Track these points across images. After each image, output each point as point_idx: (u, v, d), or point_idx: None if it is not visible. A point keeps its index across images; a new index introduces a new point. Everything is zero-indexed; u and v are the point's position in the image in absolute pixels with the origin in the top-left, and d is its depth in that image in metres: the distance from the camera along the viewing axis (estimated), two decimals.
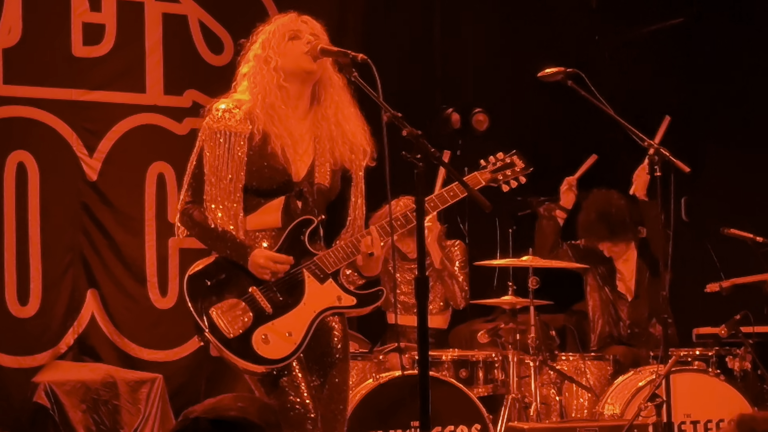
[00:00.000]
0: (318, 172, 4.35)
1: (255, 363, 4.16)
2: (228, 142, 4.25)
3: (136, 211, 7.25)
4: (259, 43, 4.37)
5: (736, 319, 5.96)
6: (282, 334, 4.18)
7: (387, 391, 5.72)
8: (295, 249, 4.27)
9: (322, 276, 4.28)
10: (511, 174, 4.57)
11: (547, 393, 6.34)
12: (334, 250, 4.29)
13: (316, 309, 4.25)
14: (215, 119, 4.28)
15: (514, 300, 6.34)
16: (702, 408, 5.97)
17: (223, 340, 4.15)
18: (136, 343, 7.17)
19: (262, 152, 4.26)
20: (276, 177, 4.27)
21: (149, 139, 7.33)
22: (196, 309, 4.18)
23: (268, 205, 4.31)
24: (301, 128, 4.36)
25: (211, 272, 4.26)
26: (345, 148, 4.38)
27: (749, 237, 6.75)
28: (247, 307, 4.19)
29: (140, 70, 7.32)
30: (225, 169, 4.24)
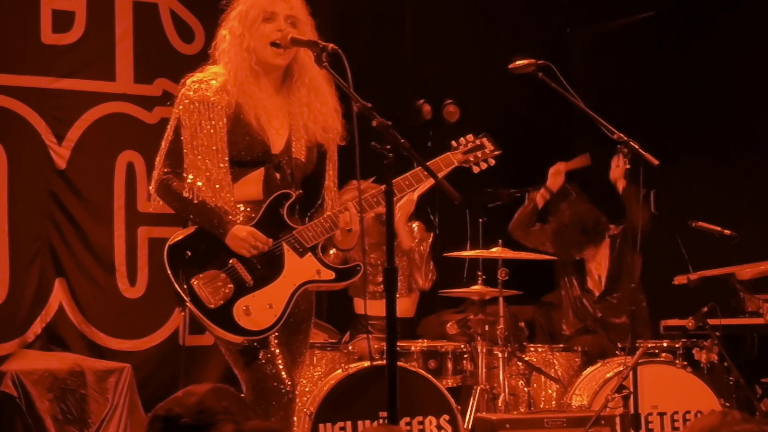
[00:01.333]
0: (294, 147, 4.38)
1: (236, 333, 4.18)
2: (208, 111, 4.26)
3: (104, 199, 7.21)
4: (236, 13, 4.36)
5: (703, 311, 6.00)
6: (263, 306, 4.21)
7: (355, 382, 5.72)
8: (273, 222, 4.30)
9: (302, 250, 4.31)
10: (481, 156, 4.63)
11: (515, 384, 6.36)
12: (313, 225, 4.32)
13: (295, 282, 4.29)
14: (192, 89, 4.29)
15: (484, 291, 6.35)
16: (669, 399, 6.00)
17: (204, 311, 4.17)
18: (104, 332, 7.14)
19: (238, 123, 4.28)
20: (255, 146, 4.29)
21: (119, 127, 7.28)
22: (177, 279, 4.19)
23: (248, 176, 4.33)
24: (275, 103, 4.38)
25: (191, 243, 4.26)
26: (317, 127, 4.41)
27: (717, 230, 6.79)
28: (227, 278, 4.21)
29: (110, 58, 7.27)
30: (206, 138, 4.24)
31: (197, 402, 2.58)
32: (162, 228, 6.93)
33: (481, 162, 4.64)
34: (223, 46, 4.39)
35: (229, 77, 4.31)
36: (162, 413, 2.59)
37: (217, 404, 2.58)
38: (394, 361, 3.85)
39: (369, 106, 3.95)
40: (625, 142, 5.34)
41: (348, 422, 5.70)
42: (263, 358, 4.24)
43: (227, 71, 4.32)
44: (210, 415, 2.55)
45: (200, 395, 2.59)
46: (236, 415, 2.57)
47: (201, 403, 2.57)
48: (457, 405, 5.89)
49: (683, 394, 6.01)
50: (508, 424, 5.54)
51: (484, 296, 6.39)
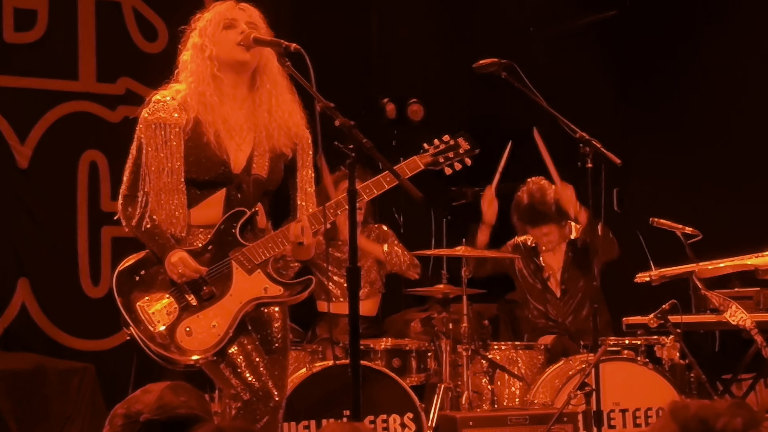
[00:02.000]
0: (256, 162, 4.34)
1: (180, 355, 4.18)
2: (164, 134, 4.24)
3: (67, 199, 7.19)
4: (196, 31, 4.37)
5: (664, 308, 6.04)
6: (206, 326, 4.20)
7: (320, 381, 5.73)
8: (225, 241, 4.28)
9: (250, 267, 4.29)
10: (455, 156, 4.56)
11: (479, 382, 6.38)
12: (264, 241, 4.31)
13: (242, 300, 4.27)
14: (150, 111, 4.28)
15: (447, 289, 6.37)
16: (631, 396, 6.05)
17: (147, 335, 4.17)
18: (67, 332, 7.11)
19: (197, 142, 4.26)
20: (213, 168, 4.27)
21: (82, 126, 7.26)
22: (123, 303, 4.22)
23: (208, 199, 4.31)
24: (238, 117, 4.35)
25: (140, 266, 4.27)
26: (281, 135, 4.38)
27: (678, 228, 6.83)
28: (173, 300, 4.20)
29: (73, 56, 7.24)
30: (163, 161, 4.23)
31: (156, 398, 2.59)
32: None
33: (455, 162, 4.58)
34: (183, 58, 4.38)
35: (189, 90, 4.29)
36: (122, 411, 2.61)
37: (175, 399, 2.60)
38: (358, 360, 3.86)
39: (332, 105, 3.96)
40: (587, 141, 5.38)
41: (312, 421, 5.71)
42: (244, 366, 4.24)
43: (188, 85, 4.31)
44: (169, 409, 2.57)
45: (158, 391, 2.61)
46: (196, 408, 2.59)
47: (160, 399, 2.59)
48: (420, 403, 5.92)
49: (645, 391, 6.06)
50: (472, 422, 5.58)
51: (448, 295, 6.42)
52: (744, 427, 2.16)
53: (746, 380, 7.03)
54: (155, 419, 2.57)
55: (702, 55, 8.23)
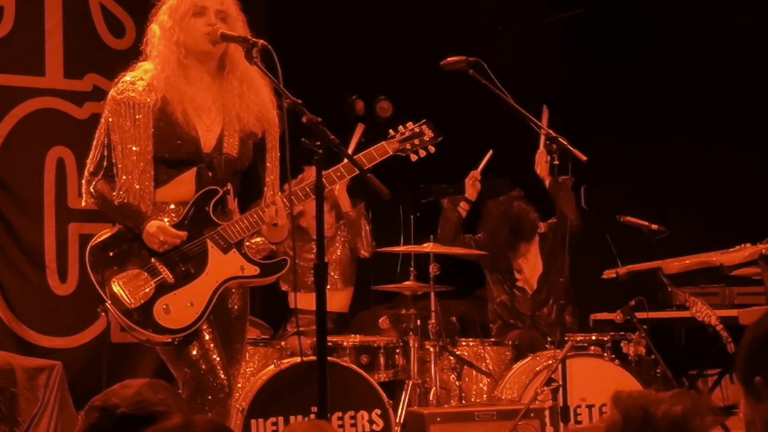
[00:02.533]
0: (226, 142, 4.36)
1: (156, 333, 4.18)
2: (133, 113, 4.26)
3: (34, 196, 7.14)
4: (166, 10, 4.36)
5: (631, 305, 6.08)
6: (184, 304, 4.20)
7: (288, 377, 5.73)
8: (199, 219, 4.29)
9: (226, 246, 4.30)
10: (420, 143, 4.62)
11: (446, 378, 6.40)
12: (239, 221, 4.32)
13: (218, 279, 4.28)
14: (119, 91, 4.30)
15: (416, 286, 6.39)
16: (597, 392, 6.09)
17: (124, 311, 4.16)
18: (34, 329, 7.07)
19: (167, 121, 4.27)
20: (183, 146, 4.28)
21: (49, 123, 7.21)
22: (98, 279, 4.19)
23: (180, 177, 4.32)
24: (206, 98, 4.37)
25: (113, 243, 4.26)
26: (251, 117, 4.40)
27: (645, 224, 6.89)
28: (149, 277, 4.20)
29: (39, 53, 7.19)
30: (131, 140, 4.24)
31: (134, 393, 2.60)
32: (93, 224, 6.83)
33: (420, 149, 4.63)
34: (152, 40, 4.38)
35: (156, 71, 4.30)
36: (99, 404, 2.61)
37: (153, 396, 2.60)
38: (324, 356, 3.87)
39: (299, 102, 3.97)
40: (553, 138, 5.41)
41: (280, 418, 5.71)
42: (197, 354, 4.24)
43: (155, 66, 4.32)
44: (147, 406, 2.57)
45: (137, 387, 2.62)
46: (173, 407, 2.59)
47: (138, 394, 2.60)
48: (389, 399, 5.93)
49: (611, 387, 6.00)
50: (439, 418, 5.59)
51: (416, 291, 6.43)
52: (684, 414, 2.19)
53: (712, 376, 7.09)
54: (132, 414, 2.57)
55: (669, 52, 8.29)
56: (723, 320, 5.93)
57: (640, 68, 8.44)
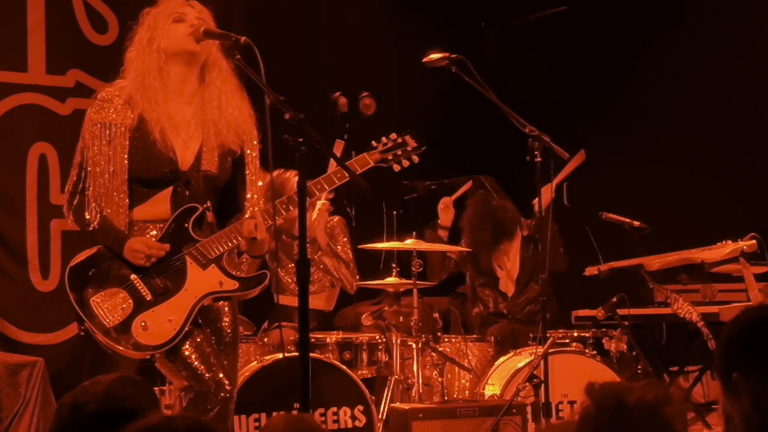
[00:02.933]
0: (205, 158, 4.36)
1: (134, 350, 4.19)
2: (109, 133, 4.25)
3: (16, 192, 7.12)
4: (144, 26, 4.37)
5: (612, 301, 6.11)
6: (162, 321, 4.21)
7: (270, 374, 5.73)
8: (178, 236, 4.29)
9: (204, 261, 4.30)
10: (403, 154, 4.63)
11: (429, 374, 6.42)
12: (217, 236, 4.32)
13: (197, 294, 4.28)
14: (96, 110, 4.29)
15: (398, 282, 6.40)
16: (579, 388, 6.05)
17: (102, 329, 4.17)
18: (16, 326, 7.05)
19: (143, 141, 4.26)
20: (161, 167, 4.28)
21: (31, 119, 7.19)
22: (77, 299, 4.21)
23: (156, 196, 4.32)
24: (186, 113, 4.36)
25: (93, 262, 4.27)
26: (229, 131, 4.40)
27: (626, 221, 6.91)
28: (127, 295, 4.21)
29: (22, 48, 7.17)
30: (106, 161, 4.24)
31: (104, 390, 2.60)
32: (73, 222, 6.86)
33: (403, 160, 4.66)
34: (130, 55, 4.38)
35: (134, 85, 4.29)
36: (69, 401, 2.61)
37: (123, 391, 2.60)
38: (307, 352, 3.88)
39: (282, 99, 3.97)
40: (536, 136, 5.43)
41: (263, 414, 5.72)
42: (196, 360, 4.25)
43: (133, 80, 4.30)
44: (116, 402, 2.57)
45: (106, 383, 2.62)
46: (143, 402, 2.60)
47: (107, 390, 2.60)
48: (371, 395, 5.94)
49: None
50: (422, 414, 5.61)
51: (399, 288, 6.44)
52: (656, 401, 2.22)
53: (693, 372, 7.13)
54: (102, 411, 2.57)
55: (652, 50, 8.32)
56: (704, 317, 5.96)
57: (622, 65, 8.47)
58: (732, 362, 2.45)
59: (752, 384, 2.41)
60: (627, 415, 2.23)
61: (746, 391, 2.41)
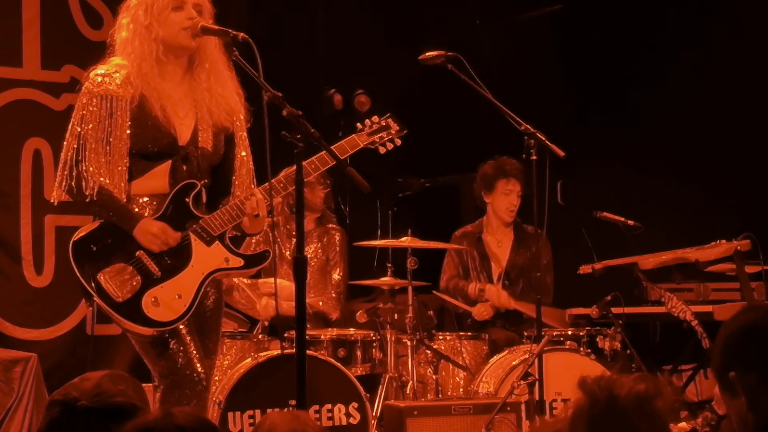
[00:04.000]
0: (201, 136, 4.37)
1: (145, 325, 4.19)
2: (110, 105, 4.25)
3: (11, 187, 7.11)
4: (140, 4, 4.33)
5: (607, 300, 6.11)
6: (171, 297, 4.21)
7: (265, 371, 5.73)
8: (179, 213, 4.30)
9: (209, 238, 4.31)
10: (387, 136, 4.69)
11: (423, 372, 6.42)
12: (220, 213, 4.32)
13: (204, 271, 4.29)
14: (95, 84, 4.27)
15: (393, 281, 6.40)
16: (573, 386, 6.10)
17: (112, 305, 4.16)
18: (10, 321, 7.04)
19: (143, 114, 4.26)
20: (160, 138, 4.28)
21: (25, 114, 7.18)
22: (84, 274, 4.18)
23: (154, 170, 4.32)
24: (179, 92, 4.38)
25: (96, 237, 4.25)
26: (221, 111, 4.41)
27: (621, 220, 6.91)
28: (135, 270, 4.20)
29: (17, 44, 7.16)
30: (108, 133, 4.23)
31: (94, 386, 2.60)
32: (69, 216, 6.85)
33: (387, 143, 4.69)
34: (123, 34, 4.35)
35: (132, 69, 4.28)
36: (59, 398, 2.61)
37: (113, 387, 2.60)
38: (303, 350, 3.89)
39: (279, 95, 3.98)
40: (531, 134, 5.44)
41: (257, 411, 5.71)
42: (175, 348, 4.25)
43: (131, 62, 4.29)
44: (107, 398, 2.57)
45: (96, 379, 2.62)
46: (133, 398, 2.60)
47: (97, 386, 2.60)
48: (365, 393, 5.94)
49: None
50: (416, 411, 5.61)
51: (394, 286, 6.44)
52: (647, 392, 2.25)
53: (686, 371, 7.14)
54: (92, 407, 2.57)
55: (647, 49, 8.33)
56: (698, 316, 5.96)
57: (618, 64, 8.47)
58: (729, 361, 2.46)
59: (749, 383, 2.41)
60: (618, 408, 2.26)
61: (743, 390, 2.42)
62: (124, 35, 4.35)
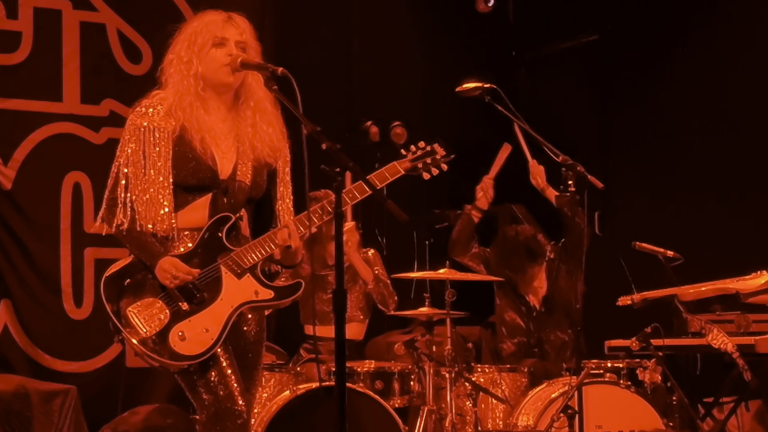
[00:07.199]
0: (240, 170, 4.38)
1: (172, 359, 4.18)
2: (153, 137, 4.26)
3: (51, 220, 7.17)
4: (184, 39, 4.37)
5: (646, 331, 6.06)
6: (199, 331, 4.20)
7: (304, 403, 5.72)
8: (212, 246, 4.29)
9: (239, 271, 4.30)
10: (432, 162, 4.60)
11: (462, 404, 6.39)
12: (251, 246, 4.32)
13: (233, 304, 4.28)
14: (139, 115, 4.30)
15: (431, 312, 6.38)
16: (613, 419, 6.06)
17: (140, 339, 4.16)
18: (49, 354, 7.09)
19: (184, 147, 4.28)
20: (200, 171, 4.29)
21: (65, 148, 7.26)
22: (113, 309, 4.20)
23: (195, 202, 4.33)
24: (223, 127, 4.39)
25: (128, 272, 4.26)
26: (265, 147, 4.41)
27: (660, 251, 6.87)
28: (163, 305, 4.20)
29: (57, 78, 7.25)
30: (151, 165, 4.25)
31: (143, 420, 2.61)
32: (108, 249, 6.90)
33: (432, 168, 4.61)
34: (169, 70, 4.39)
35: (175, 102, 4.31)
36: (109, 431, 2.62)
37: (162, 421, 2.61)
38: (344, 383, 3.87)
39: (318, 129, 3.98)
40: (570, 165, 5.42)
41: None
42: (215, 380, 4.24)
43: (173, 96, 4.33)
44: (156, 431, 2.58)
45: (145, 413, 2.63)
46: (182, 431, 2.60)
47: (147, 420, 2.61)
48: (404, 425, 5.91)
49: (627, 414, 6.07)
50: None
51: (432, 317, 6.43)
52: None
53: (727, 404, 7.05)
54: None
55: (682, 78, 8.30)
56: (739, 348, 5.90)
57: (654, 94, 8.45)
58: None
59: None
60: None
61: None
62: (168, 71, 4.39)
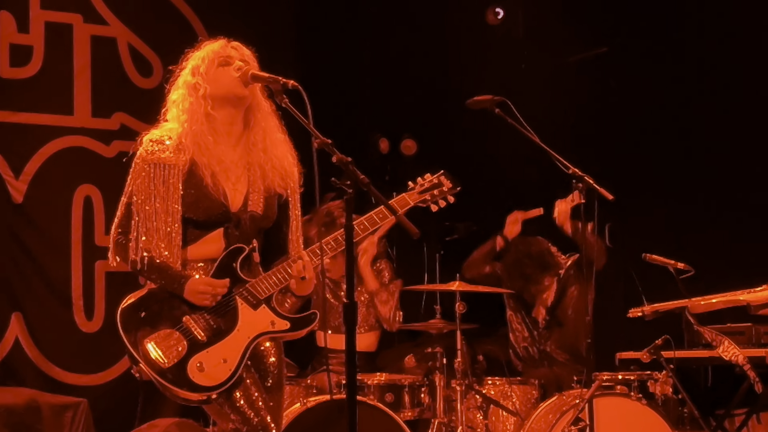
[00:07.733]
0: (251, 200, 4.37)
1: (191, 391, 4.18)
2: (162, 174, 4.25)
3: (62, 233, 7.20)
4: (188, 69, 4.38)
5: (657, 344, 6.05)
6: (217, 361, 4.20)
7: (314, 416, 5.72)
8: (226, 277, 4.29)
9: (255, 302, 4.31)
10: (439, 194, 4.65)
11: (473, 417, 6.38)
12: (267, 276, 4.33)
13: (250, 335, 4.28)
14: (147, 152, 4.27)
15: (441, 324, 6.38)
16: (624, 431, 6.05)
17: (158, 371, 4.16)
18: (60, 367, 7.10)
19: (195, 183, 4.28)
20: (211, 208, 4.29)
21: (76, 161, 7.28)
22: (131, 341, 4.19)
23: (208, 236, 4.33)
24: (233, 156, 4.38)
25: (144, 304, 4.26)
26: (275, 175, 4.42)
27: (671, 263, 6.86)
28: (181, 336, 4.20)
29: (68, 92, 7.28)
30: (161, 201, 4.24)
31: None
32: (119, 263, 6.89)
33: (440, 200, 4.67)
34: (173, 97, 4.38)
35: (183, 130, 4.30)
36: None
37: None
38: (354, 395, 3.87)
39: (329, 142, 3.98)
40: (579, 177, 5.42)
41: None
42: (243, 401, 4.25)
43: (181, 124, 4.32)
44: None
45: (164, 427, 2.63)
46: None
47: None
48: None
49: (638, 426, 6.06)
50: None
51: (442, 330, 6.43)
52: None
53: (739, 415, 7.03)
54: None
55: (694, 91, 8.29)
56: (750, 359, 5.89)
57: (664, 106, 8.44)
58: None
59: None
60: None
61: None
62: (174, 97, 4.39)
